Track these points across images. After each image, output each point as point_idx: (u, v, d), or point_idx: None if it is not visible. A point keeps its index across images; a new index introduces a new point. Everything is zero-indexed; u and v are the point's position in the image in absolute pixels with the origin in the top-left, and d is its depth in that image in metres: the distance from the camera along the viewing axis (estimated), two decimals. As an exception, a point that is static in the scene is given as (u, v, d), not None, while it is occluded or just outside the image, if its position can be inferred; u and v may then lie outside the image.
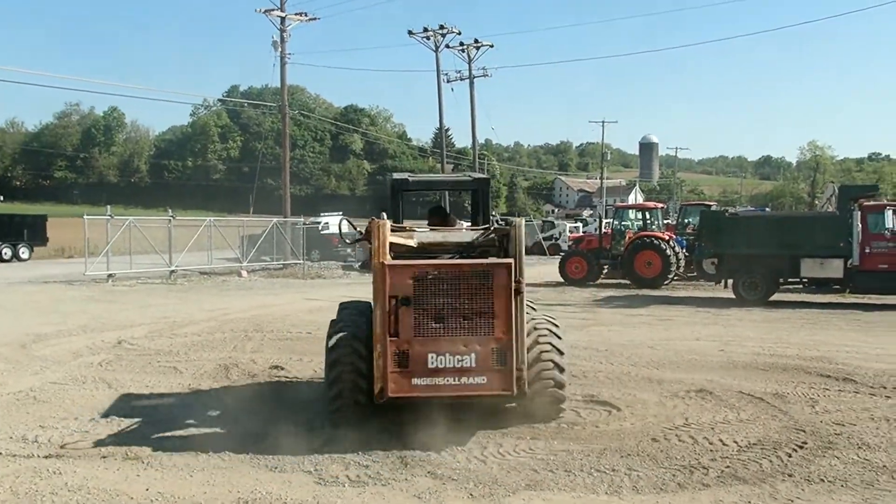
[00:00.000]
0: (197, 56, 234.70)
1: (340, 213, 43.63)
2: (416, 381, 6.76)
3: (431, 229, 7.95)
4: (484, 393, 6.90)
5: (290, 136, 39.98)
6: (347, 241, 10.71)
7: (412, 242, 7.50)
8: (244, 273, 29.46)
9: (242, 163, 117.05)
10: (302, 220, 35.05)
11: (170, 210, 30.70)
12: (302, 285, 25.79)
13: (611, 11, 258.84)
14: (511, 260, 6.91)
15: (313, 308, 18.53)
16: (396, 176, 8.76)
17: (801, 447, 6.83)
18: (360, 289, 22.97)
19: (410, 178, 8.99)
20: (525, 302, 7.11)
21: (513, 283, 6.78)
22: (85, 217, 25.96)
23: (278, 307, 18.74)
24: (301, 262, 32.05)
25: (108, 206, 27.52)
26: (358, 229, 8.35)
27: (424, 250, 7.51)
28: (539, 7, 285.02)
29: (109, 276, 25.24)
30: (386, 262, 6.85)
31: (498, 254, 7.40)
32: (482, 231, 7.61)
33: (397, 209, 8.15)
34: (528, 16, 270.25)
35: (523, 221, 7.41)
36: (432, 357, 6.73)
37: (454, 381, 6.77)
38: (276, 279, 28.56)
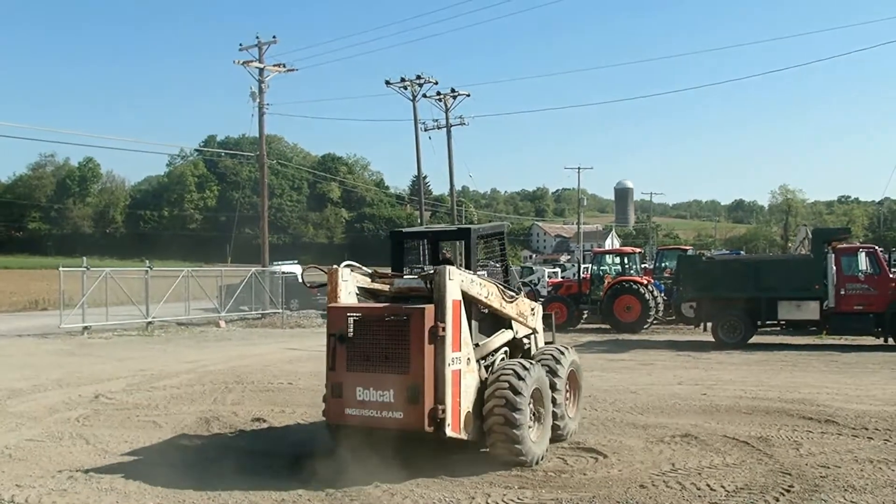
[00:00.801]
0: (174, 106, 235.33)
1: (296, 261, 43.34)
2: (348, 410, 7.48)
3: (414, 277, 8.18)
4: (402, 427, 7.35)
5: (268, 186, 39.99)
6: (311, 287, 11.39)
7: (387, 288, 8.24)
8: (223, 323, 29.19)
9: (219, 212, 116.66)
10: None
11: (147, 261, 30.45)
12: (281, 335, 25.59)
13: (586, 61, 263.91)
14: (428, 306, 7.32)
15: (293, 358, 18.39)
16: (394, 230, 9.72)
17: (788, 490, 6.84)
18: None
19: (404, 231, 9.73)
20: (450, 347, 7.37)
21: (428, 328, 7.21)
22: (60, 269, 25.66)
23: (258, 357, 18.56)
24: (280, 311, 31.81)
25: (84, 258, 27.21)
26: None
27: (398, 294, 8.11)
28: (515, 57, 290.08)
29: (85, 328, 24.88)
30: (330, 305, 7.76)
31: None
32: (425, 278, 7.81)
33: (397, 258, 8.98)
34: (505, 65, 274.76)
35: (450, 269, 7.53)
36: (360, 390, 7.38)
37: (377, 413, 7.33)
38: (255, 329, 28.32)
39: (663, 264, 31.91)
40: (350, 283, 8.00)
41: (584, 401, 11.54)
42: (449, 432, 7.34)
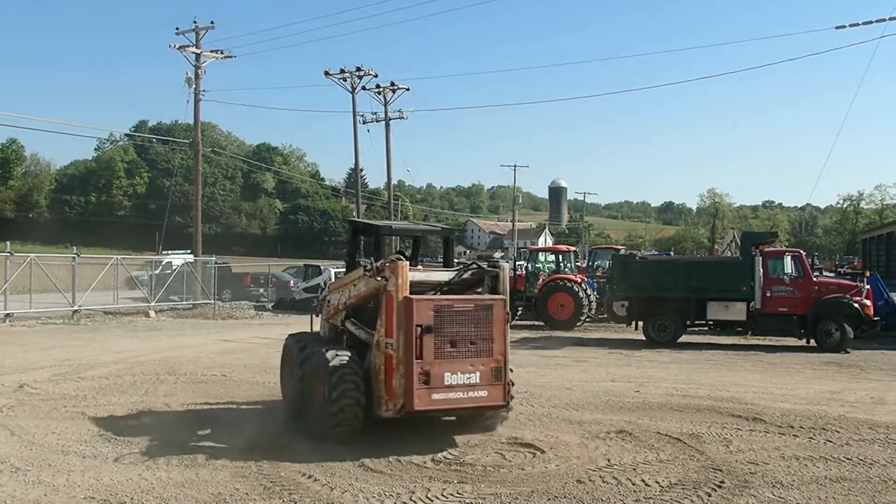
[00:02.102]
0: (105, 89, 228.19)
1: (189, 250, 41.80)
2: (435, 396, 7.99)
3: (413, 270, 8.70)
4: (484, 405, 8.36)
5: (202, 174, 39.15)
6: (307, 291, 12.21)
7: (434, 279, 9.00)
8: (152, 313, 28.52)
9: (150, 199, 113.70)
10: (213, 259, 34.04)
11: (74, 248, 29.48)
12: (213, 326, 25.13)
13: (523, 60, 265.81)
14: (505, 296, 8.50)
15: (227, 349, 18.07)
16: (379, 223, 10.57)
17: (719, 486, 7.04)
18: (274, 329, 22.58)
19: (394, 226, 10.78)
20: None
21: (503, 315, 8.34)
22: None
23: (190, 349, 18.18)
24: (212, 301, 31.23)
25: (8, 243, 26.19)
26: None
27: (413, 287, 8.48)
28: (456, 53, 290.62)
29: (7, 315, 23.97)
30: (413, 298, 8.04)
31: (484, 291, 8.74)
32: (456, 272, 8.87)
33: (379, 252, 9.47)
34: (445, 61, 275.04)
35: (507, 266, 9.11)
36: (448, 375, 8.00)
37: (463, 395, 8.10)
38: (186, 319, 27.73)
39: (596, 263, 32.47)
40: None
41: (521, 396, 11.72)
42: (511, 403, 8.80)
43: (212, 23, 34.24)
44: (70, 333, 21.76)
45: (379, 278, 8.34)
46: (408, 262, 8.48)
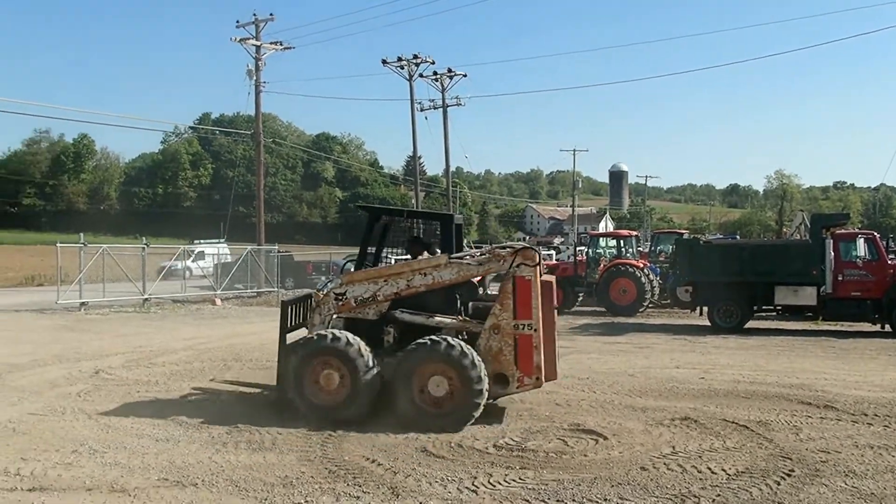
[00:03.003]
0: (169, 83, 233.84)
1: (222, 240, 42.40)
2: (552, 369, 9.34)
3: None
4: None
5: (263, 164, 39.82)
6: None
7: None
8: (218, 301, 29.18)
9: (213, 190, 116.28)
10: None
11: (143, 238, 30.35)
12: (277, 313, 25.38)
13: (582, 43, 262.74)
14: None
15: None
16: (447, 213, 11.16)
17: (788, 475, 6.90)
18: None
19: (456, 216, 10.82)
20: None
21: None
22: (58, 245, 25.56)
23: (255, 336, 18.54)
24: (275, 289, 31.81)
25: (82, 234, 27.07)
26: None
27: None
28: (513, 38, 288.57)
29: (82, 304, 24.83)
30: (549, 281, 9.41)
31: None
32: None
33: (450, 241, 9.84)
34: (502, 46, 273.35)
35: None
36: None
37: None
38: (250, 307, 28.30)
39: (659, 248, 31.97)
40: None
41: (583, 382, 11.67)
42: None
43: (271, 15, 34.74)
44: (141, 321, 22.45)
45: (516, 264, 8.89)
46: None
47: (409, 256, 9.97)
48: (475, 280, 9.63)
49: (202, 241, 39.38)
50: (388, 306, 9.23)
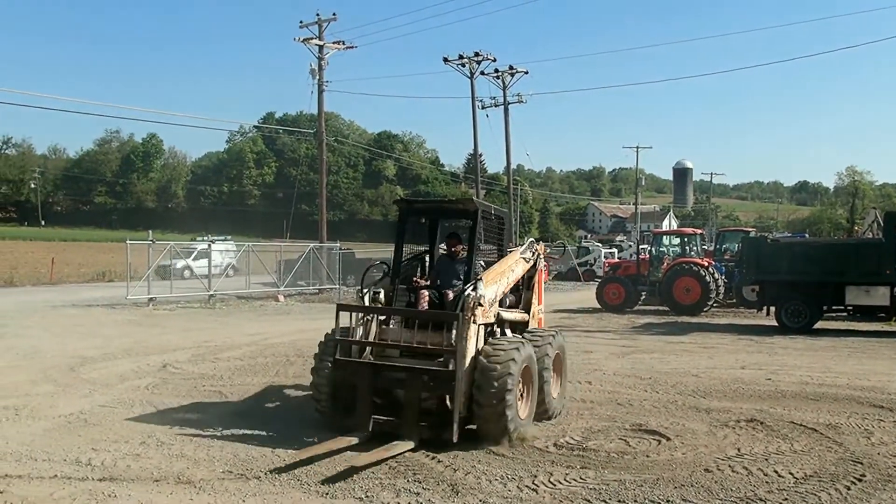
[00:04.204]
0: (234, 83, 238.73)
1: (229, 237, 41.92)
2: None
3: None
4: None
5: (325, 163, 40.34)
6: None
7: None
8: (281, 298, 29.69)
9: (277, 188, 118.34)
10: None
11: (209, 235, 31.06)
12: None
13: (644, 38, 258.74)
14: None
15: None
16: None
17: (859, 480, 6.68)
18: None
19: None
20: None
21: None
22: (128, 242, 26.35)
23: (317, 332, 18.55)
24: (337, 286, 32.21)
25: (150, 232, 27.91)
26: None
27: None
28: (573, 34, 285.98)
29: (150, 300, 25.57)
30: None
31: None
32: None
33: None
34: (563, 43, 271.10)
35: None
36: None
37: None
38: (312, 304, 28.72)
39: (724, 246, 31.29)
40: None
41: (646, 382, 11.50)
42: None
43: (334, 14, 35.26)
44: (206, 317, 22.99)
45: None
46: None
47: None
48: None
49: (203, 237, 36.96)
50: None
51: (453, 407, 7.53)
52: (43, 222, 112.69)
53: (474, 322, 7.85)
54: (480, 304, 7.99)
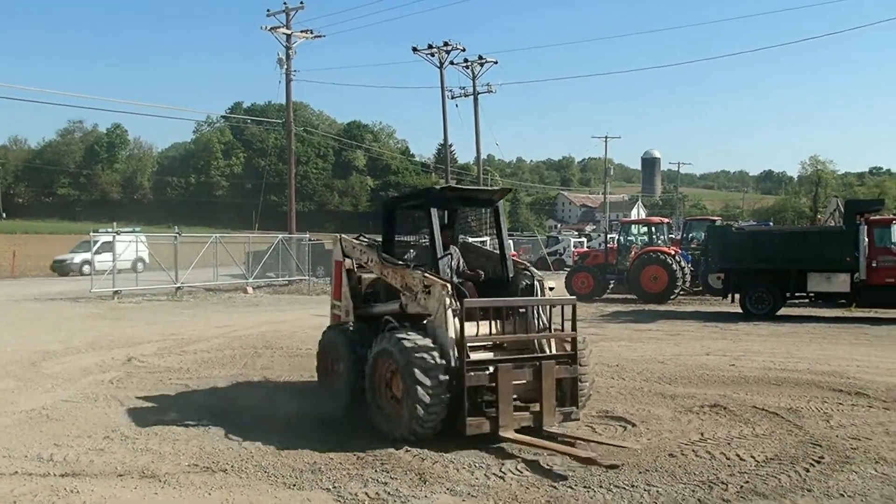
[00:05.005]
0: (201, 73, 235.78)
1: (138, 228, 38.87)
2: None
3: None
4: None
5: (294, 153, 40.06)
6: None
7: None
8: (250, 289, 29.48)
9: (245, 179, 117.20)
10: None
11: (175, 227, 30.71)
12: (308, 301, 25.78)
13: (612, 28, 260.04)
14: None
15: (321, 324, 18.21)
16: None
17: (818, 462, 6.82)
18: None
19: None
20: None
21: None
22: (91, 234, 25.98)
23: (286, 324, 18.74)
24: (307, 278, 32.05)
25: (115, 223, 27.51)
26: None
27: None
28: (543, 24, 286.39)
29: (115, 292, 25.24)
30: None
31: None
32: None
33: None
34: (533, 33, 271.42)
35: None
36: None
37: None
38: (281, 295, 28.57)
39: (691, 235, 31.66)
40: None
41: (613, 369, 11.61)
42: None
43: (301, 3, 34.89)
44: (173, 309, 22.76)
45: None
46: None
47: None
48: None
49: (105, 230, 31.70)
50: None
51: (580, 387, 7.99)
52: (3, 214, 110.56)
53: None
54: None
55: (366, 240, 9.32)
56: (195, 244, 30.68)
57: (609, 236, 30.14)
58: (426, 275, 7.91)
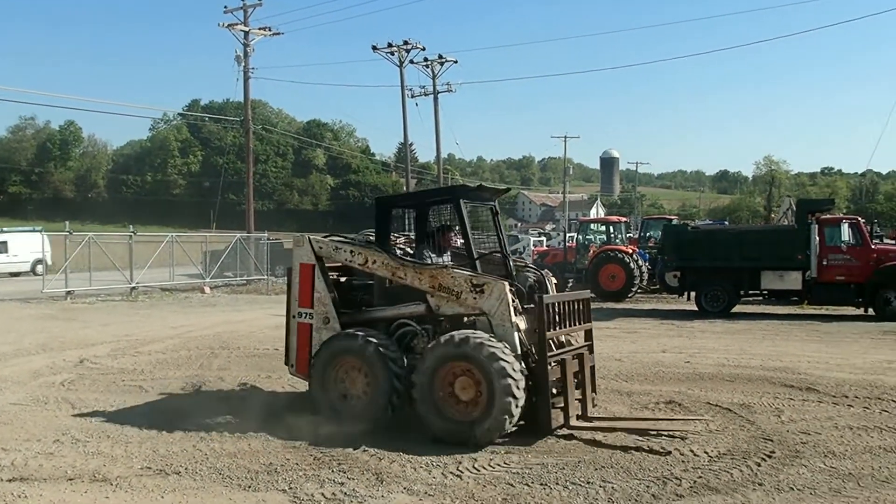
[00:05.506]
0: (157, 69, 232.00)
1: (38, 228, 37.68)
2: None
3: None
4: None
5: (253, 151, 39.67)
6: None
7: None
8: (207, 289, 29.11)
9: (203, 178, 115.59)
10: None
11: (130, 226, 30.21)
12: (267, 301, 25.53)
13: (572, 29, 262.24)
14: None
15: (279, 324, 18.07)
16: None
17: (769, 456, 6.95)
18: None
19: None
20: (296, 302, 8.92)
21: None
22: (43, 234, 25.41)
23: (244, 323, 18.54)
24: (265, 277, 31.75)
25: (67, 222, 26.94)
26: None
27: None
28: (503, 24, 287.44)
29: (68, 293, 24.73)
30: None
31: None
32: None
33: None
34: (493, 32, 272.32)
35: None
36: None
37: None
38: (239, 295, 28.27)
39: (648, 234, 32.05)
40: None
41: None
42: (291, 371, 8.82)
43: (259, 0, 34.46)
44: (128, 310, 22.37)
45: None
46: None
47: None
48: None
49: (5, 228, 31.67)
50: None
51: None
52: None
53: None
54: None
55: (359, 238, 8.98)
56: (151, 243, 30.21)
57: (568, 235, 30.37)
58: (475, 274, 7.84)
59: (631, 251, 25.41)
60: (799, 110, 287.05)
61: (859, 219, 20.27)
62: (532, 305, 7.91)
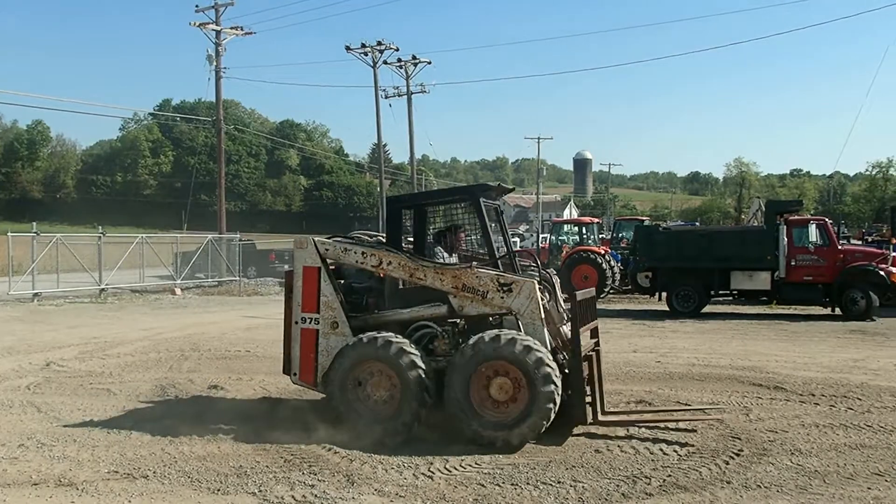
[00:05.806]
0: (128, 69, 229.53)
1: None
2: None
3: None
4: None
5: (225, 152, 39.36)
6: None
7: None
8: (178, 291, 28.81)
9: (175, 178, 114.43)
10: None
11: (100, 227, 29.82)
12: (238, 302, 25.36)
13: (546, 30, 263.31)
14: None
15: (251, 325, 18.24)
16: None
17: (737, 454, 7.02)
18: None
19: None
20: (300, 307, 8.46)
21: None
22: (9, 234, 25.00)
23: (215, 325, 18.39)
24: (237, 279, 31.50)
25: (34, 223, 26.50)
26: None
27: None
28: (477, 25, 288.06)
29: (35, 295, 24.32)
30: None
31: None
32: None
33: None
34: (467, 33, 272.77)
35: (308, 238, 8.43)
36: None
37: None
38: (211, 297, 28.01)
39: (620, 235, 32.28)
40: None
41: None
42: (294, 380, 8.33)
43: (231, -1, 34.21)
44: (97, 312, 22.08)
45: None
46: None
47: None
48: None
49: None
50: None
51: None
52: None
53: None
54: None
55: (368, 238, 8.57)
56: (121, 244, 29.81)
57: (541, 236, 30.50)
58: (502, 273, 7.81)
59: (603, 252, 25.56)
60: (768, 113, 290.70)
61: (827, 220, 20.55)
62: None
